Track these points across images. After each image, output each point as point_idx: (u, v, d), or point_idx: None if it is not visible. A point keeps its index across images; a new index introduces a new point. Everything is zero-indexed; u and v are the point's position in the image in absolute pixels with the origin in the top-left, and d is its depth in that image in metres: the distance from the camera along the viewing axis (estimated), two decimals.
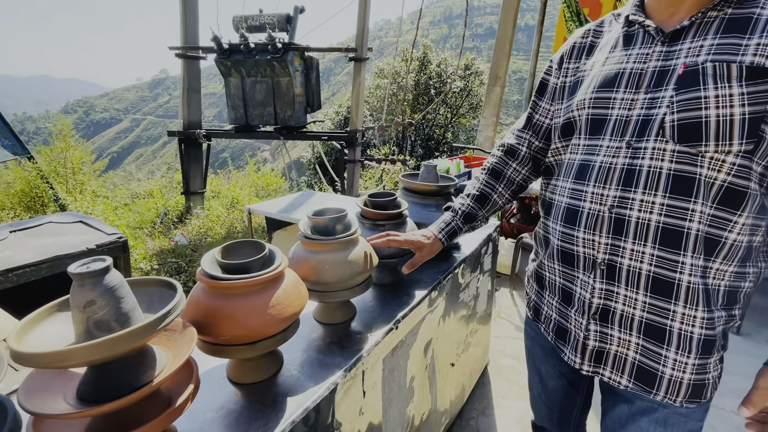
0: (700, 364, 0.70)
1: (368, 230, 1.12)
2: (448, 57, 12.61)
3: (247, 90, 4.23)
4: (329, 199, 2.25)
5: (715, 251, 0.67)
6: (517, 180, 1.00)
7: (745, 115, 0.61)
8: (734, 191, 0.65)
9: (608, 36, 0.82)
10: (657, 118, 0.68)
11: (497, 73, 4.25)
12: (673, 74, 0.67)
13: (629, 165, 0.71)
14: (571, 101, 0.82)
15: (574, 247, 0.78)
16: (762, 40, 0.61)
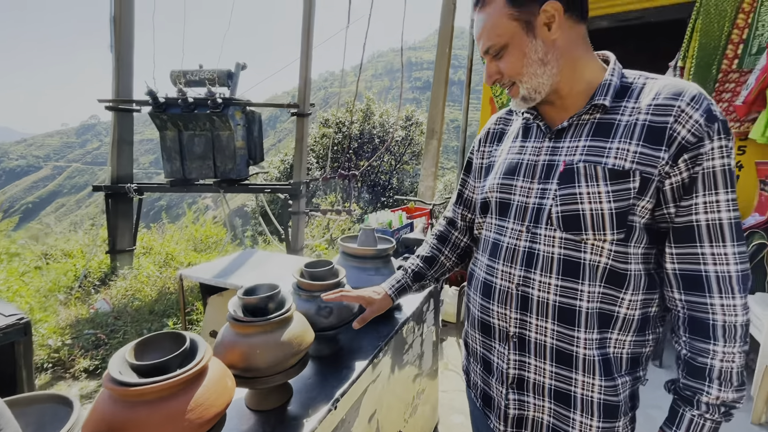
0: (605, 427, 0.75)
1: (305, 302, 1.10)
2: (389, 108, 13.36)
3: (184, 143, 4.11)
4: (271, 260, 2.18)
5: (610, 324, 0.74)
6: (461, 245, 1.08)
7: (612, 210, 0.70)
8: (616, 272, 0.72)
9: (515, 125, 0.92)
10: (546, 208, 0.77)
11: (433, 127, 4.56)
12: (557, 169, 0.76)
13: (529, 248, 0.78)
14: (486, 182, 0.91)
15: (491, 320, 0.85)
16: (620, 144, 0.70)
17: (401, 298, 1.10)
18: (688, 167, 0.68)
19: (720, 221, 0.67)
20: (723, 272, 0.67)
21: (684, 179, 0.68)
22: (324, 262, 1.20)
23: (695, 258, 0.69)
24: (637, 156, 0.69)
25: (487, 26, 0.75)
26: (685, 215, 0.69)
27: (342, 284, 1.16)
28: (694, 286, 0.70)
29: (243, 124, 4.16)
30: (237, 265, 2.07)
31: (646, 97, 0.71)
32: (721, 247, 0.67)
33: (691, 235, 0.69)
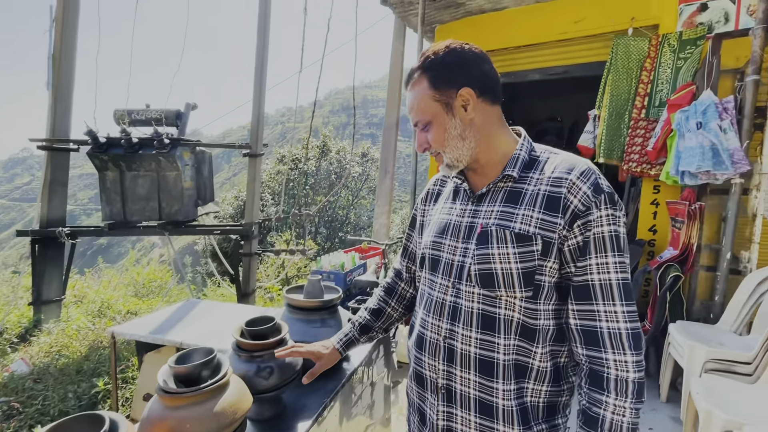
0: None
1: (244, 363, 1.06)
2: (346, 145, 13.64)
3: (126, 184, 3.91)
4: (216, 311, 2.09)
5: (526, 375, 0.80)
6: (407, 296, 1.13)
7: (519, 269, 0.77)
8: (527, 327, 0.79)
9: (449, 186, 1.00)
10: (466, 266, 0.83)
11: (386, 167, 4.71)
12: (475, 230, 0.84)
13: (454, 303, 0.85)
14: (422, 239, 0.99)
15: (423, 371, 0.89)
16: (526, 211, 0.79)
17: (349, 350, 1.13)
18: (581, 231, 0.76)
19: (610, 281, 0.75)
20: (614, 329, 0.74)
21: (579, 242, 0.77)
22: (266, 319, 1.18)
23: (592, 315, 0.76)
24: (539, 222, 0.78)
25: (415, 104, 0.85)
26: (581, 275, 0.77)
27: (285, 341, 1.14)
28: (591, 341, 0.76)
29: (192, 164, 4.05)
30: (177, 318, 1.96)
31: (548, 170, 0.82)
32: (611, 305, 0.75)
33: (587, 293, 0.77)
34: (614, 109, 3.53)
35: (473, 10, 4.18)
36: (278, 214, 4.24)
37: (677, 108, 2.85)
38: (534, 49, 4.15)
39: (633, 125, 3.49)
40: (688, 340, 2.17)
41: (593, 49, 3.91)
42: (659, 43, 3.36)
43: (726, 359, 2.07)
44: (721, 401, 1.79)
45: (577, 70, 4.08)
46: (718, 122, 2.31)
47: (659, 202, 3.51)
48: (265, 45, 4.27)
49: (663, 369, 2.54)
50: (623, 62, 3.50)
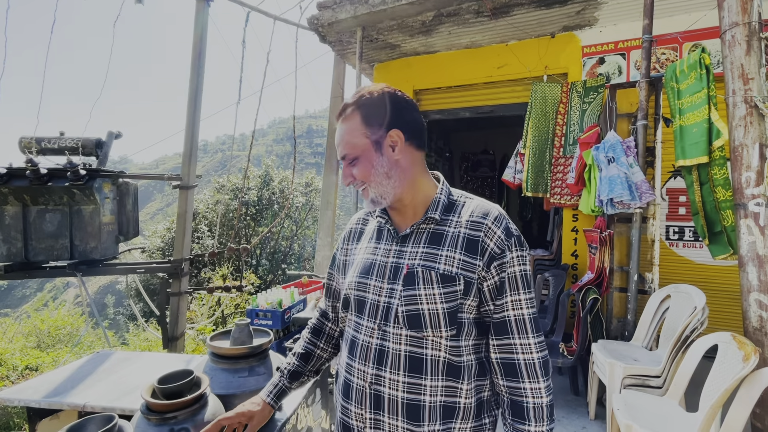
0: None
1: (155, 427, 0.95)
2: (289, 174, 13.43)
3: (30, 220, 3.46)
4: (131, 364, 1.87)
5: (453, 415, 0.81)
6: (335, 335, 1.09)
7: (445, 309, 0.81)
8: (453, 365, 0.82)
9: (371, 224, 1.00)
10: (393, 307, 0.84)
11: (328, 199, 4.69)
12: (401, 271, 0.85)
13: (380, 345, 0.84)
14: (345, 279, 0.96)
15: (350, 421, 0.87)
16: (448, 252, 0.83)
17: (282, 401, 1.07)
18: (497, 272, 0.83)
19: (523, 317, 0.83)
20: (528, 360, 0.81)
21: (496, 282, 0.83)
22: (183, 373, 1.07)
23: (510, 348, 0.83)
24: (461, 263, 0.82)
25: (345, 137, 0.87)
26: (499, 312, 0.83)
27: (205, 396, 1.05)
28: (511, 373, 0.82)
29: (113, 196, 3.72)
30: (83, 374, 1.72)
31: (465, 214, 0.87)
32: (526, 338, 0.82)
33: (504, 329, 0.83)
34: (537, 148, 3.90)
35: (408, 52, 4.45)
36: (212, 249, 3.99)
37: (587, 146, 3.21)
38: (464, 90, 4.49)
39: (554, 162, 3.87)
40: (608, 358, 2.35)
41: (516, 91, 4.32)
42: (569, 89, 3.81)
43: (640, 374, 2.26)
44: (638, 415, 1.93)
45: (502, 109, 4.47)
46: (624, 158, 2.63)
47: (578, 229, 3.86)
48: (200, 73, 4.15)
49: (590, 387, 2.70)
50: (541, 106, 3.91)
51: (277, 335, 2.94)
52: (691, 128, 2.36)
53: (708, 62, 2.29)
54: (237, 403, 1.22)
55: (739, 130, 2.04)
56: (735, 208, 2.07)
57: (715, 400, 1.70)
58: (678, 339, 2.18)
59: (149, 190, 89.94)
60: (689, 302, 2.32)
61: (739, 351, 1.75)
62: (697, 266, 3.39)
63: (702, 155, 2.27)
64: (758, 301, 1.97)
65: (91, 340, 5.43)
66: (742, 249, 2.02)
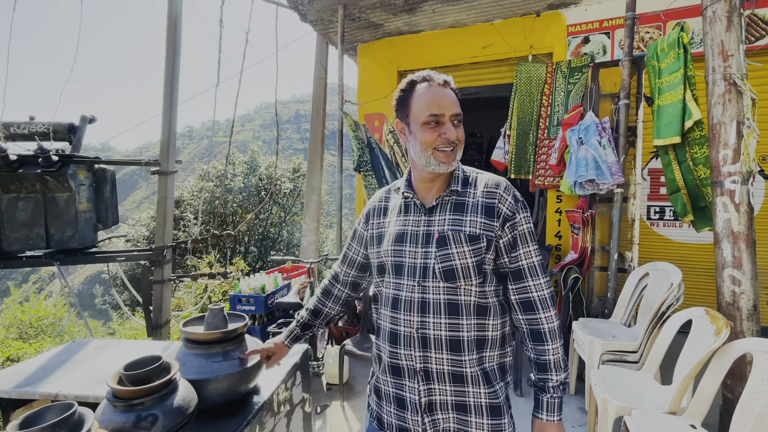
0: (494, 423, 1.01)
1: (121, 414, 0.93)
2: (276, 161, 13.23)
3: (2, 209, 3.34)
4: (108, 351, 1.84)
5: (483, 346, 1.01)
6: (342, 297, 1.31)
7: (474, 263, 0.99)
8: (482, 306, 1.01)
9: (394, 202, 1.16)
10: (430, 266, 1.01)
11: (312, 184, 4.63)
12: (433, 237, 1.03)
13: (421, 298, 1.01)
14: (380, 249, 1.12)
15: (400, 362, 1.04)
16: (470, 217, 1.02)
17: (296, 344, 1.34)
18: (510, 230, 1.02)
19: (533, 263, 1.03)
20: (541, 296, 1.02)
21: (510, 239, 1.02)
22: (151, 359, 1.05)
23: (526, 289, 1.03)
24: (482, 225, 1.01)
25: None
26: (515, 262, 1.03)
27: (174, 381, 1.03)
28: (528, 308, 1.03)
29: (89, 183, 3.60)
30: (58, 363, 1.68)
31: (480, 186, 1.06)
32: (537, 279, 1.03)
33: (520, 275, 1.03)
34: (521, 130, 3.88)
35: (392, 31, 4.35)
36: (195, 236, 3.93)
37: (569, 127, 3.21)
38: (449, 71, 4.38)
39: (539, 143, 3.86)
40: (587, 335, 2.40)
41: (501, 72, 4.28)
42: (554, 69, 3.78)
43: (617, 350, 2.32)
44: (614, 389, 1.98)
45: (487, 90, 4.42)
46: (597, 139, 2.63)
47: (562, 210, 3.89)
48: (176, 52, 3.98)
49: (570, 364, 2.77)
50: (525, 86, 3.87)
51: (261, 320, 2.93)
52: (667, 108, 2.36)
53: (686, 41, 2.28)
54: (211, 387, 1.21)
55: (718, 108, 2.04)
56: (712, 186, 2.09)
57: (687, 373, 1.75)
58: (654, 315, 2.23)
59: (134, 178, 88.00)
60: (666, 279, 2.37)
61: (711, 325, 1.79)
62: (676, 245, 3.46)
63: (675, 135, 2.28)
64: (731, 277, 2.01)
65: (76, 330, 5.36)
66: (718, 226, 2.06)
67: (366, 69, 4.74)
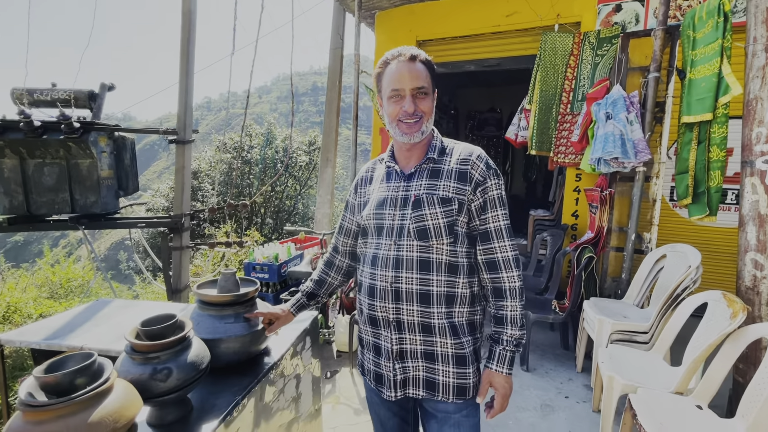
0: (459, 372, 1.10)
1: (138, 366, 0.98)
2: (292, 133, 13.20)
3: (29, 173, 3.46)
4: (129, 310, 1.93)
5: (452, 301, 1.10)
6: (344, 267, 1.38)
7: (445, 223, 1.08)
8: (452, 264, 1.09)
9: (379, 171, 1.26)
10: (406, 226, 1.10)
11: (327, 156, 4.62)
12: (410, 200, 1.12)
13: (396, 255, 1.10)
14: (364, 213, 1.21)
15: (376, 313, 1.14)
16: (445, 182, 1.10)
17: (301, 313, 1.39)
18: (481, 195, 1.10)
19: (500, 227, 1.11)
20: (505, 257, 1.10)
21: (480, 203, 1.10)
22: (165, 317, 1.09)
23: (491, 250, 1.11)
24: (455, 189, 1.09)
25: (421, 75, 1.08)
26: (483, 224, 1.11)
27: (188, 339, 1.08)
28: (492, 268, 1.11)
29: (110, 151, 3.68)
30: (83, 320, 1.78)
31: (455, 154, 1.14)
32: (503, 241, 1.10)
33: (488, 236, 1.11)
34: (543, 104, 3.74)
35: None
36: (211, 206, 4.01)
37: (594, 101, 3.07)
38: (470, 41, 4.25)
39: (560, 119, 3.72)
40: (598, 315, 2.38)
41: (524, 42, 4.09)
42: (581, 40, 3.58)
43: (628, 330, 2.30)
44: (621, 368, 1.99)
45: (509, 62, 4.25)
46: (625, 114, 2.51)
47: (580, 189, 3.79)
48: (191, 19, 3.94)
49: (578, 342, 2.77)
50: (550, 58, 3.70)
51: (274, 288, 3.01)
52: (699, 82, 2.22)
53: (727, 8, 2.11)
54: (223, 347, 1.26)
55: (756, 81, 1.91)
56: (741, 166, 1.99)
57: (698, 354, 1.73)
58: (669, 297, 2.19)
59: (155, 149, 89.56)
60: (684, 261, 2.31)
61: (727, 308, 1.75)
62: (697, 227, 3.35)
63: (706, 112, 2.16)
64: (754, 261, 1.95)
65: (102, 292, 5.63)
66: (744, 208, 1.97)
67: (384, 38, 4.60)
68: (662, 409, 1.66)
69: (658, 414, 1.62)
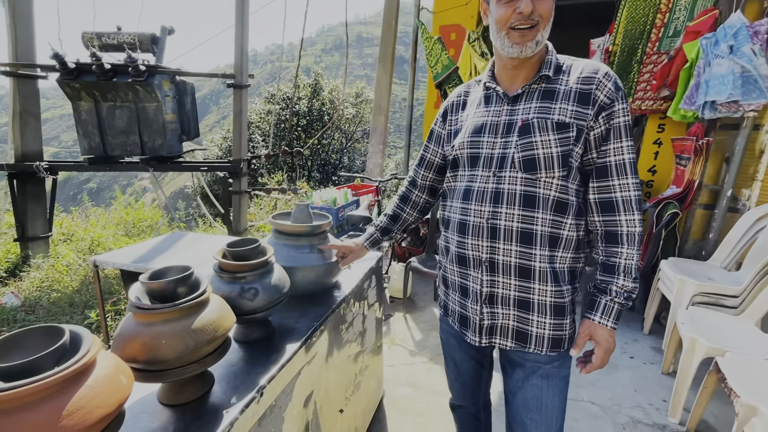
0: (555, 323, 0.98)
1: (227, 284, 1.00)
2: (339, 84, 12.95)
3: (103, 116, 3.66)
4: (202, 242, 2.02)
5: (556, 244, 0.95)
6: (420, 203, 1.29)
7: (559, 153, 0.92)
8: (561, 202, 0.94)
9: (474, 95, 1.11)
10: (509, 156, 0.96)
11: (380, 103, 4.46)
12: (516, 126, 0.96)
13: (496, 188, 0.97)
14: (456, 142, 1.07)
15: (466, 252, 1.03)
16: (561, 105, 0.93)
17: (374, 248, 1.35)
18: (605, 122, 0.92)
19: (624, 161, 0.92)
20: (626, 197, 0.93)
21: (602, 131, 0.92)
22: (249, 240, 1.10)
23: (609, 188, 0.94)
24: (573, 113, 0.92)
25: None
26: (602, 157, 0.94)
27: (270, 263, 1.08)
28: (607, 209, 0.95)
29: (173, 95, 3.78)
30: (163, 248, 1.89)
31: (575, 72, 0.95)
32: (625, 178, 0.92)
33: (606, 172, 0.94)
34: (627, 43, 3.27)
35: None
36: (268, 152, 4.07)
37: (695, 36, 2.63)
38: None
39: (645, 60, 3.26)
40: (679, 275, 2.18)
41: None
42: None
43: (714, 293, 2.10)
44: (704, 331, 1.83)
45: None
46: (750, 46, 2.11)
47: (663, 141, 3.39)
48: None
49: (649, 303, 2.59)
50: None
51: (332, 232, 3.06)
52: None
53: None
54: (300, 275, 1.27)
55: None
56: None
57: None
58: None
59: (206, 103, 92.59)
60: None
61: None
62: None
63: None
64: None
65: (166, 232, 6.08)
66: None
67: None
68: (754, 374, 1.52)
69: (750, 379, 1.48)
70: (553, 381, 1.03)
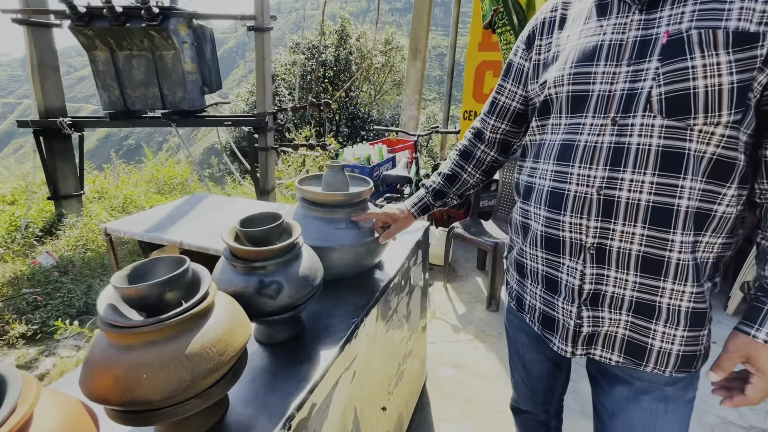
0: (690, 336, 0.69)
1: (241, 276, 0.75)
2: (367, 30, 12.07)
3: (120, 66, 3.43)
4: (224, 206, 1.80)
5: (704, 226, 0.65)
6: (487, 161, 1.00)
7: (733, 83, 0.58)
8: (723, 163, 0.63)
9: (579, 6, 0.77)
10: (643, 92, 0.64)
11: (417, 45, 3.96)
12: (656, 44, 0.63)
13: (616, 143, 0.67)
14: (549, 77, 0.76)
15: (560, 233, 0.74)
16: (746, 3, 0.57)
17: (424, 215, 1.07)
18: None
19: None
20: None
21: None
22: (270, 216, 0.83)
23: None
24: (766, 16, 0.56)
25: None
26: None
27: (297, 246, 0.82)
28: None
29: (191, 41, 3.47)
30: (179, 214, 1.68)
31: None
32: None
33: None
34: None
35: None
36: (294, 103, 3.74)
37: None
38: None
39: None
40: None
41: None
42: None
43: None
44: None
45: None
46: None
47: None
48: None
49: (738, 279, 2.21)
50: None
51: None
52: None
53: None
54: (335, 257, 1.01)
55: None
56: None
57: None
58: None
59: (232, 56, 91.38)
60: None
61: None
62: None
63: None
64: None
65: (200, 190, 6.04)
66: None
67: None
68: None
69: None
70: (674, 406, 0.75)
